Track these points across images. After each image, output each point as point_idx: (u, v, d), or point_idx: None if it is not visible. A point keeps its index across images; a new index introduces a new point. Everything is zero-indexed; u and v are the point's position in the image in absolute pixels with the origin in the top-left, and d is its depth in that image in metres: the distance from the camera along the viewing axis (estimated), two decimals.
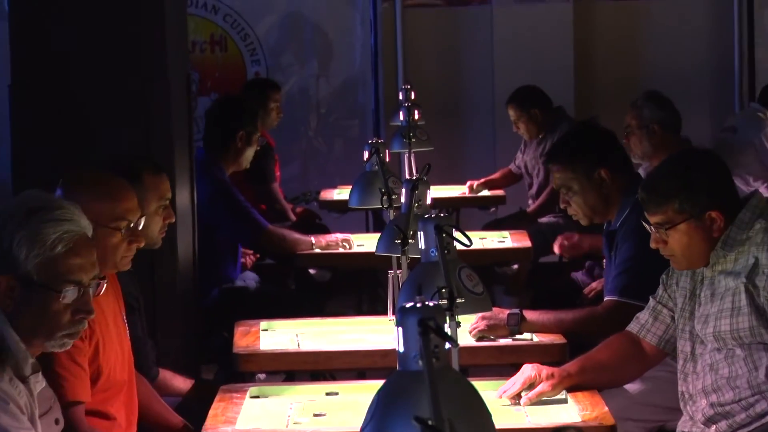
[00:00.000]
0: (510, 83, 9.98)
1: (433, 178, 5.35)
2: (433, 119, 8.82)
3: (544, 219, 9.11)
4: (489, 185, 9.64)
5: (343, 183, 8.97)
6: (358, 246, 7.42)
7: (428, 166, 5.31)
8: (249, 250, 7.99)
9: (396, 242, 4.79)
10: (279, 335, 5.49)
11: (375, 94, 11.14)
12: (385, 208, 5.59)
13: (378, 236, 5.17)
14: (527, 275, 8.08)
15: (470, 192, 9.47)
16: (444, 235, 3.81)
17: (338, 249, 7.26)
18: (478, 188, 9.50)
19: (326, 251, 7.44)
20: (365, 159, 6.32)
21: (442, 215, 3.99)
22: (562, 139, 6.16)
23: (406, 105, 7.61)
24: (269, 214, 9.10)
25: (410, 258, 4.76)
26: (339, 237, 7.33)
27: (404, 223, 4.78)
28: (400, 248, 4.79)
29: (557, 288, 7.61)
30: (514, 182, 9.90)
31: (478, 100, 11.21)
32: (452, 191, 9.32)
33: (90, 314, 3.61)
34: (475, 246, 6.05)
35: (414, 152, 7.26)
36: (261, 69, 11.14)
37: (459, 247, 3.92)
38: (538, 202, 9.28)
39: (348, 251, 7.39)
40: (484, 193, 9.54)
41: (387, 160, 6.16)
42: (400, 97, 7.98)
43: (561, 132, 8.94)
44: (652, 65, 11.17)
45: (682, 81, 11.03)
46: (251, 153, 7.91)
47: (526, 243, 7.57)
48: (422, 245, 4.02)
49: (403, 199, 5.08)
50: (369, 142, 6.43)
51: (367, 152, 6.31)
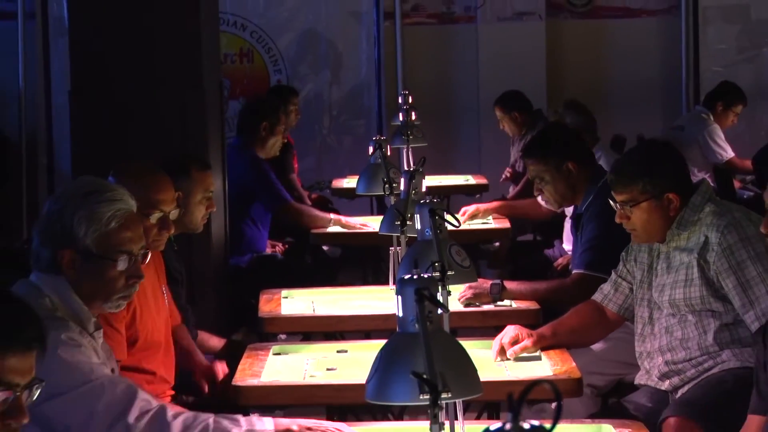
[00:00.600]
0: (492, 89, 9.97)
1: (428, 169, 5.33)
2: (428, 119, 8.78)
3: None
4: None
5: (352, 173, 8.94)
6: (364, 227, 7.40)
7: (423, 159, 5.30)
8: (278, 242, 8.00)
9: (396, 223, 4.78)
10: (297, 302, 5.48)
11: (378, 99, 11.11)
12: (387, 195, 5.58)
13: (381, 218, 5.17)
14: (507, 251, 8.05)
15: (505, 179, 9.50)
16: (437, 218, 3.80)
17: (354, 230, 7.25)
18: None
19: (338, 231, 7.46)
20: (370, 153, 6.32)
21: (435, 201, 3.98)
22: (536, 137, 6.14)
23: (405, 107, 7.57)
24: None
25: (408, 237, 4.75)
26: (359, 222, 7.31)
27: (403, 208, 4.77)
28: (400, 229, 4.78)
29: (532, 262, 7.60)
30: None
31: (465, 103, 11.18)
32: (444, 180, 9.27)
33: (141, 278, 3.62)
34: (463, 227, 6.06)
35: (411, 147, 7.21)
36: (282, 77, 11.12)
37: (449, 228, 3.91)
38: (516, 190, 9.23)
39: (356, 231, 7.39)
40: (470, 182, 9.51)
41: (388, 154, 6.16)
42: (400, 101, 7.93)
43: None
44: (613, 74, 11.15)
45: (638, 88, 11.02)
46: (275, 141, 7.89)
47: (506, 224, 7.54)
48: (418, 226, 4.01)
49: (402, 187, 5.07)
50: (373, 139, 6.43)
51: (372, 147, 6.31)
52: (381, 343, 2.81)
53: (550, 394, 1.84)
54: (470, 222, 7.24)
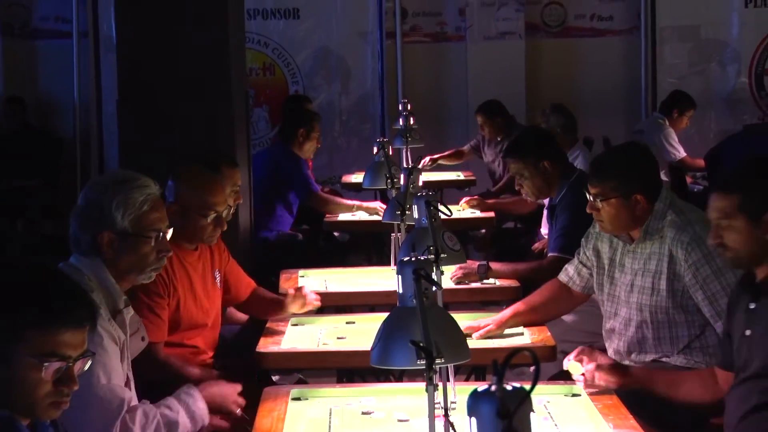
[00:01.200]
0: (479, 98, 9.91)
1: (425, 167, 5.33)
2: (424, 124, 8.75)
3: (504, 196, 9.06)
4: (437, 161, 9.50)
5: (359, 170, 8.93)
6: (369, 217, 7.38)
7: (421, 158, 5.30)
8: (296, 230, 8.04)
9: (397, 213, 4.78)
10: (312, 280, 5.47)
11: (381, 106, 11.10)
12: (389, 189, 5.58)
13: (384, 209, 5.16)
14: (491, 237, 8.05)
15: (425, 165, 9.23)
16: (431, 208, 3.79)
17: (377, 212, 7.24)
18: (430, 163, 9.41)
19: (347, 219, 7.46)
20: (374, 152, 6.30)
21: (430, 194, 3.97)
22: (516, 140, 6.11)
23: (404, 114, 7.56)
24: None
25: (407, 224, 4.75)
26: (379, 206, 7.30)
27: (403, 200, 4.76)
28: (400, 217, 4.78)
29: (513, 246, 7.59)
30: (459, 160, 9.76)
31: (456, 110, 11.17)
32: (438, 176, 9.25)
33: (168, 252, 3.61)
34: (454, 216, 6.03)
35: (410, 148, 7.22)
36: (299, 88, 11.10)
37: (442, 217, 3.90)
38: (500, 185, 9.23)
39: (362, 219, 7.39)
40: (460, 177, 9.51)
41: (390, 154, 6.14)
42: (400, 108, 7.93)
43: (514, 135, 8.98)
44: (582, 85, 11.13)
45: (604, 96, 11.00)
46: (311, 145, 7.92)
47: (491, 214, 7.57)
48: (416, 215, 4.01)
49: (402, 182, 5.07)
50: (377, 141, 6.41)
51: (376, 148, 6.29)
52: (384, 316, 2.80)
53: (529, 360, 1.82)
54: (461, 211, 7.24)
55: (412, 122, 7.46)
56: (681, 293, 4.19)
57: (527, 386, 1.74)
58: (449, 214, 3.99)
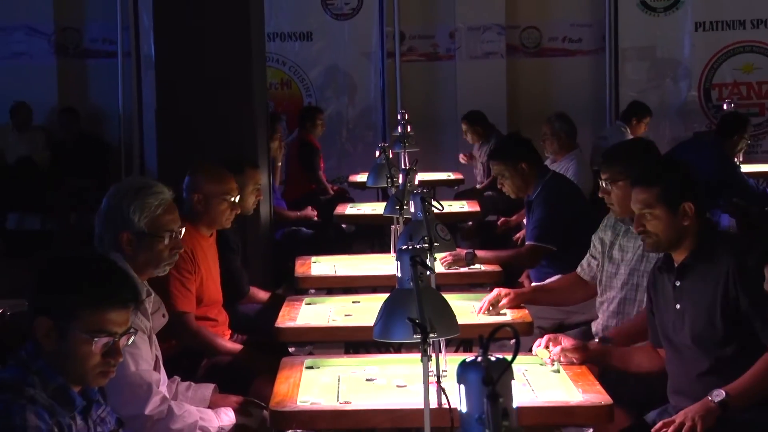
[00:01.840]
0: (467, 110, 9.94)
1: (419, 168, 5.33)
2: (419, 131, 8.72)
3: (487, 193, 9.07)
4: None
5: (363, 171, 8.89)
6: (373, 210, 7.38)
7: (416, 161, 5.31)
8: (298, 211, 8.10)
9: (396, 207, 4.78)
10: (323, 265, 5.47)
11: (383, 116, 11.09)
12: (389, 187, 5.57)
13: (385, 204, 5.16)
14: (477, 228, 8.04)
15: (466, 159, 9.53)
16: (426, 203, 3.79)
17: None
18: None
19: (353, 213, 7.47)
20: (377, 156, 6.29)
21: (425, 191, 3.97)
22: (498, 145, 6.12)
23: (402, 122, 7.53)
24: (316, 191, 9.16)
25: (405, 217, 4.74)
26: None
27: (401, 196, 4.76)
28: (399, 211, 4.78)
29: (496, 236, 7.58)
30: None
31: (447, 120, 11.15)
32: (431, 176, 9.24)
33: (180, 249, 3.60)
34: (446, 210, 6.01)
35: (407, 152, 7.20)
36: (312, 100, 11.09)
37: (435, 211, 3.89)
38: (484, 184, 9.26)
39: (366, 213, 7.39)
40: (450, 177, 9.51)
41: (390, 157, 6.13)
42: (399, 118, 7.91)
43: (494, 141, 9.09)
44: (555, 97, 11.09)
45: (574, 108, 10.87)
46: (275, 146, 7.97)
47: (477, 208, 7.57)
48: (412, 209, 4.01)
49: (400, 181, 5.06)
50: (379, 145, 6.40)
51: (378, 152, 6.29)
52: (385, 296, 2.80)
53: (510, 334, 1.82)
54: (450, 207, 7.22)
55: (409, 130, 7.42)
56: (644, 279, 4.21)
57: (508, 357, 1.74)
58: (441, 209, 4.02)
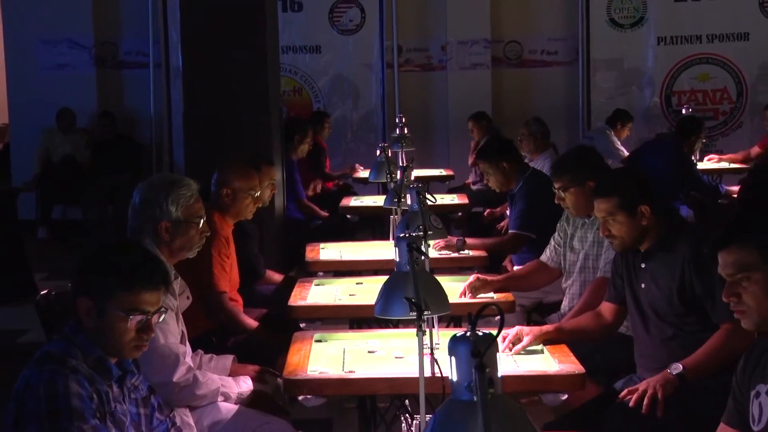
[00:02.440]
0: (457, 115, 10.01)
1: (415, 165, 5.33)
2: (415, 133, 8.70)
3: (475, 187, 9.06)
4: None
5: (366, 168, 8.93)
6: (374, 202, 7.36)
7: (412, 159, 5.30)
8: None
9: (395, 200, 4.77)
10: (330, 251, 5.46)
11: (383, 119, 11.09)
12: (389, 182, 5.55)
13: (385, 197, 5.15)
14: (466, 218, 8.03)
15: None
16: (420, 196, 3.79)
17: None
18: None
19: (357, 205, 7.46)
20: (378, 154, 6.28)
21: (420, 186, 3.97)
22: (483, 147, 6.14)
23: (400, 125, 7.52)
24: (322, 188, 9.18)
25: (402, 209, 4.73)
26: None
27: (399, 190, 4.75)
28: (397, 203, 4.77)
29: (482, 225, 7.58)
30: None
31: (439, 123, 11.15)
32: (425, 172, 9.23)
33: (207, 233, 3.59)
34: (438, 203, 5.98)
35: (404, 151, 7.18)
36: (320, 105, 11.08)
37: (429, 203, 3.89)
38: (472, 180, 9.27)
39: (368, 205, 7.38)
40: (442, 173, 9.47)
41: (389, 155, 6.12)
42: (397, 121, 7.90)
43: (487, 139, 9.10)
44: (534, 103, 11.06)
45: (551, 112, 10.90)
46: (305, 148, 8.02)
47: (465, 201, 7.58)
48: (409, 202, 4.00)
49: (399, 177, 5.05)
50: (380, 145, 6.39)
51: (379, 151, 6.27)
52: (384, 278, 2.79)
53: (495, 312, 1.82)
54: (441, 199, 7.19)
55: (406, 131, 7.41)
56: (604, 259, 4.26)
57: (494, 332, 1.74)
58: (434, 201, 4.01)
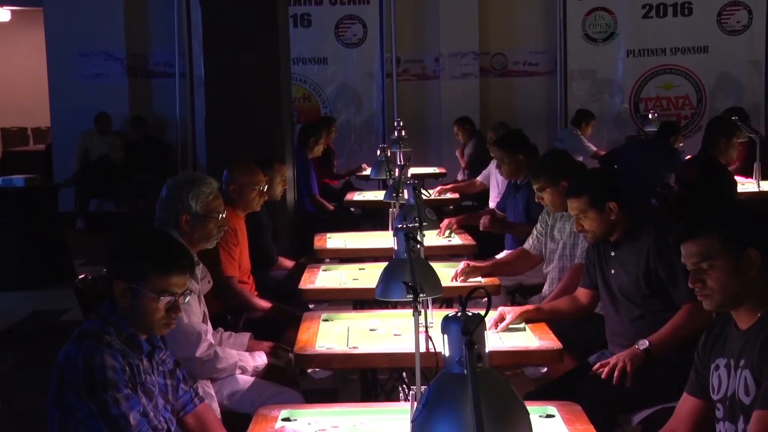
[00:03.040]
0: (449, 119, 10.01)
1: (411, 164, 5.31)
2: (411, 135, 8.66)
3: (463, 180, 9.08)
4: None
5: (368, 166, 8.93)
6: (375, 196, 7.35)
7: (409, 158, 5.27)
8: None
9: (394, 195, 4.76)
10: (336, 240, 5.46)
11: (383, 123, 11.10)
12: (388, 178, 5.54)
13: (384, 192, 5.13)
14: (457, 211, 8.02)
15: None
16: (416, 191, 3.78)
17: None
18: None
19: (360, 199, 7.45)
20: (378, 154, 6.26)
21: (416, 182, 3.96)
22: (505, 136, 6.08)
23: (398, 128, 7.48)
24: (331, 182, 9.15)
25: (400, 202, 4.72)
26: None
27: (397, 186, 4.74)
28: (396, 198, 4.76)
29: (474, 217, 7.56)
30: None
31: (433, 126, 11.15)
32: (421, 170, 9.22)
33: (225, 227, 3.57)
34: (432, 197, 6.00)
35: (402, 151, 7.16)
36: (327, 111, 11.09)
37: (424, 197, 3.88)
38: (464, 178, 9.27)
39: (370, 199, 7.37)
40: (436, 171, 9.46)
41: (389, 155, 6.10)
42: (395, 125, 7.87)
43: (474, 142, 9.20)
44: (517, 109, 11.10)
45: (532, 117, 11.00)
46: (320, 149, 8.00)
47: (456, 195, 7.56)
48: (406, 196, 3.99)
49: (397, 174, 5.04)
50: (380, 146, 6.36)
51: (379, 151, 6.25)
52: (384, 265, 2.78)
53: (483, 294, 1.81)
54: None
55: (404, 134, 7.40)
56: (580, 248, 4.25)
57: (482, 312, 1.73)
58: (429, 196, 4.00)
